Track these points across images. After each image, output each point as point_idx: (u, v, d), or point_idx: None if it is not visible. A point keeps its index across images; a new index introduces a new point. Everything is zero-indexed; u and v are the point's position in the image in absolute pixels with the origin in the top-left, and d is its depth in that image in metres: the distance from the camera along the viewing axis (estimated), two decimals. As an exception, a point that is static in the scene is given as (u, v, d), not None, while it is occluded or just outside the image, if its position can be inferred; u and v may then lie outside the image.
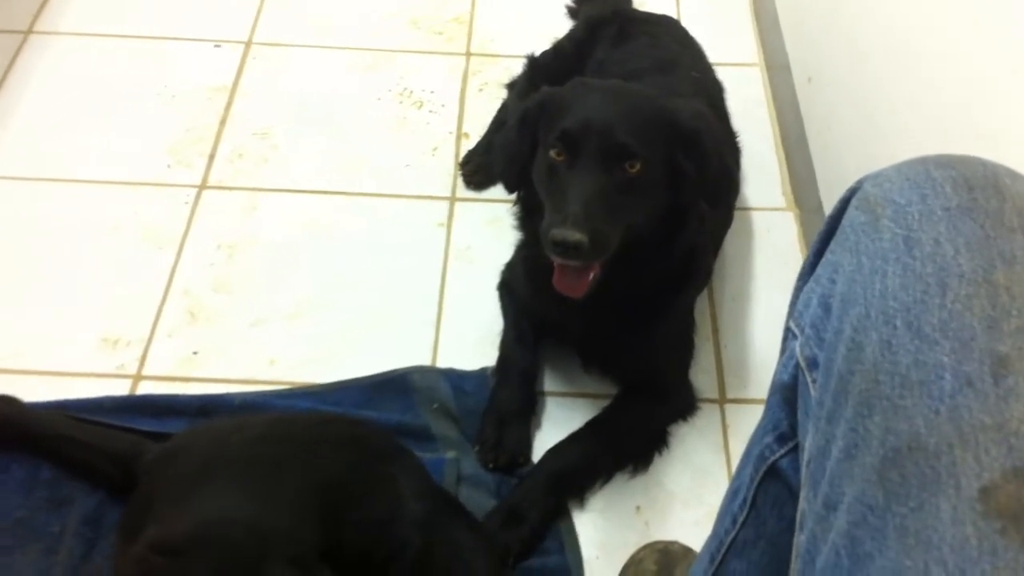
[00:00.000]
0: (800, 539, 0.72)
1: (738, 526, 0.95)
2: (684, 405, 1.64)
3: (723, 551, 0.97)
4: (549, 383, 1.67)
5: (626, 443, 1.58)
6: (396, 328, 1.73)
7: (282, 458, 1.28)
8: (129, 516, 1.28)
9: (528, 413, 1.60)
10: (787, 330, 0.84)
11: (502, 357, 1.66)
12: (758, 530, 0.93)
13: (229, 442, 1.31)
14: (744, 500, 0.93)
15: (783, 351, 0.86)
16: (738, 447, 1.40)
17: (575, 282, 1.36)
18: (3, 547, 1.38)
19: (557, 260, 1.33)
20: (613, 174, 1.32)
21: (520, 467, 1.54)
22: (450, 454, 1.52)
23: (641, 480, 1.56)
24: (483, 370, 1.66)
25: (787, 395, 0.85)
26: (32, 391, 1.55)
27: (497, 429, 1.56)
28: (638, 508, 1.52)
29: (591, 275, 1.35)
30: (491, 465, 1.53)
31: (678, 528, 1.48)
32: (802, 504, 0.73)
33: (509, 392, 1.60)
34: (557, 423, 1.61)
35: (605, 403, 1.61)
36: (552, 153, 1.35)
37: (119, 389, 1.61)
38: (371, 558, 1.21)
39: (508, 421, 1.57)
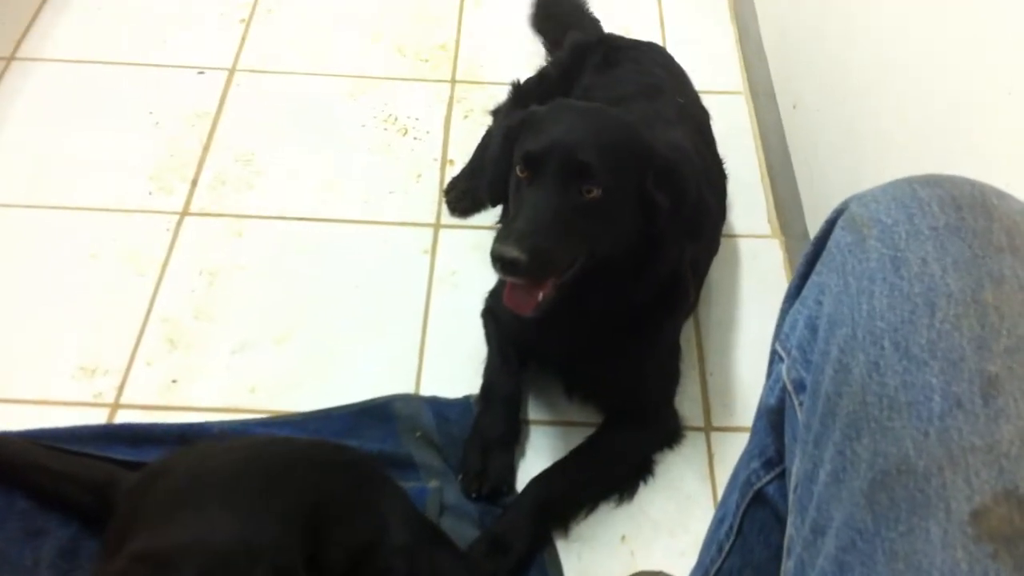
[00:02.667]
0: (788, 565, 0.70)
1: (724, 554, 0.93)
2: (669, 433, 1.62)
3: (709, 580, 0.95)
4: (533, 411, 1.65)
5: (611, 472, 1.56)
6: (379, 355, 1.71)
7: (268, 477, 1.26)
8: (110, 535, 1.25)
9: (512, 441, 1.58)
10: (773, 353, 0.83)
11: (486, 385, 1.64)
12: (744, 558, 0.91)
13: (214, 462, 1.29)
14: (730, 527, 0.91)
15: (769, 375, 0.85)
16: (724, 475, 1.37)
17: (523, 299, 1.35)
18: (-24, 579, 1.35)
19: (499, 275, 1.32)
20: (570, 195, 1.31)
21: (504, 496, 1.52)
22: (432, 483, 1.50)
23: (626, 509, 1.54)
24: (467, 398, 1.64)
25: (773, 419, 0.83)
26: (7, 419, 1.52)
27: (481, 457, 1.54)
28: (623, 537, 1.50)
29: (540, 294, 1.34)
30: (475, 494, 1.51)
31: (664, 557, 1.46)
32: (789, 530, 0.72)
33: (492, 420, 1.58)
34: (541, 452, 1.59)
35: (589, 431, 1.60)
36: (518, 170, 1.35)
37: (96, 418, 1.58)
38: None
39: (492, 449, 1.55)
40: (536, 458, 1.58)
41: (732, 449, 1.59)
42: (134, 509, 1.24)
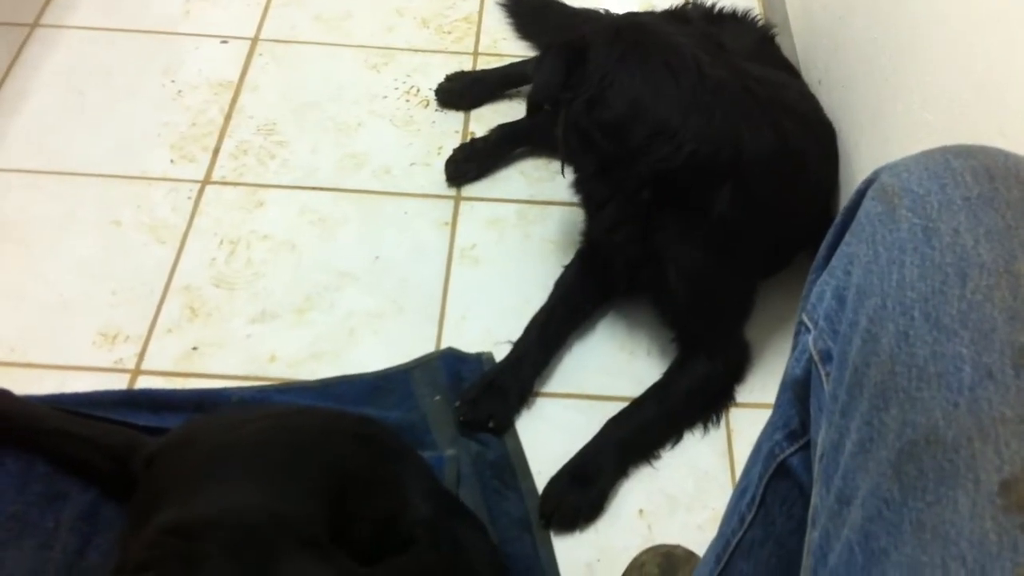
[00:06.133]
0: (812, 535, 0.70)
1: (746, 526, 0.93)
2: (738, 361, 1.66)
3: (729, 552, 0.95)
4: (554, 384, 1.65)
5: (689, 405, 1.60)
6: (398, 326, 1.71)
7: (293, 447, 1.26)
8: (137, 506, 1.26)
9: (520, 396, 1.60)
10: (799, 324, 0.82)
11: (523, 339, 1.65)
12: (766, 530, 0.91)
13: (238, 431, 1.29)
14: (752, 499, 0.91)
15: (795, 346, 0.84)
16: (742, 452, 1.38)
17: None
18: (-2, 542, 1.35)
19: None
20: None
21: (489, 430, 1.55)
22: (449, 452, 1.50)
23: (644, 484, 1.54)
24: (478, 355, 1.65)
25: (798, 391, 0.83)
26: (29, 384, 1.53)
27: (484, 391, 1.57)
28: (641, 512, 1.50)
29: None
30: (462, 418, 1.55)
31: (681, 532, 1.46)
32: (815, 500, 0.71)
33: (513, 371, 1.61)
34: (558, 425, 1.59)
35: (611, 406, 1.59)
36: None
37: (117, 384, 1.59)
38: (374, 553, 1.20)
39: (497, 390, 1.58)
40: (553, 431, 1.58)
41: (750, 426, 1.58)
42: (159, 480, 1.25)
